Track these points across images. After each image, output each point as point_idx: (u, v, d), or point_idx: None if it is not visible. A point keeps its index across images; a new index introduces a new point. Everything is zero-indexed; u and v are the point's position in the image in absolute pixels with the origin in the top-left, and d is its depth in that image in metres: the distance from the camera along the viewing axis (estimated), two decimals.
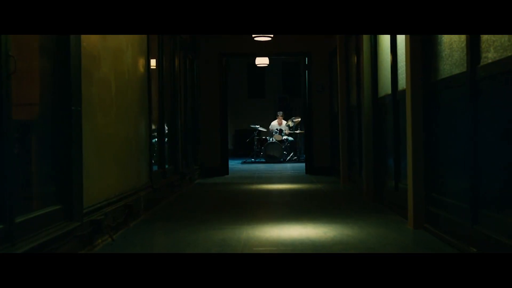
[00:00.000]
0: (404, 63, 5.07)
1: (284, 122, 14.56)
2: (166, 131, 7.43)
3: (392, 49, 5.46)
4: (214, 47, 10.12)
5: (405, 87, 5.05)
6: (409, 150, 4.47)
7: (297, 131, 14.39)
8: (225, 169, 10.31)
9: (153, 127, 6.66)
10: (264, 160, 13.78)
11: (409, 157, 4.47)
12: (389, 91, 5.65)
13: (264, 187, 8.04)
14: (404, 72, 5.08)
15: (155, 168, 6.44)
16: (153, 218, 5.22)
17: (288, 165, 13.15)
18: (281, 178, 9.75)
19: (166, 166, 6.91)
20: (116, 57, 4.56)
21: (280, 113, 14.64)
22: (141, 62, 5.51)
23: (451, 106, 3.90)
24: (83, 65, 3.65)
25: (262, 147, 13.82)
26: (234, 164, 13.28)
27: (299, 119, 14.25)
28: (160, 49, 6.72)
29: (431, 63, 4.26)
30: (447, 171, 4.02)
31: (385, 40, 5.87)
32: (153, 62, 6.75)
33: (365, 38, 6.49)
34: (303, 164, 12.28)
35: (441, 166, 4.13)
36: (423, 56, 4.36)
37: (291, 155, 14.20)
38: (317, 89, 10.26)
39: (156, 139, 6.71)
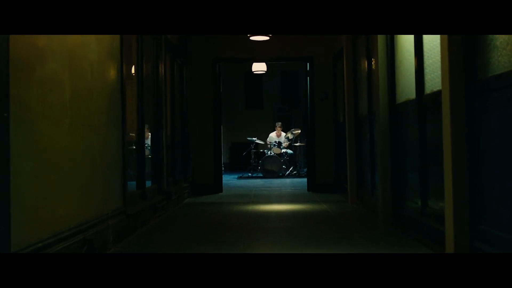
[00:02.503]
0: (433, 61, 4.14)
1: (283, 133, 13.61)
2: (148, 145, 6.45)
3: (416, 48, 4.51)
4: (206, 51, 9.16)
5: (434, 89, 4.10)
6: (447, 167, 3.49)
7: (297, 144, 13.42)
8: (218, 186, 9.31)
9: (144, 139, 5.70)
10: (261, 175, 12.80)
11: (447, 176, 3.49)
12: (412, 96, 4.69)
13: (262, 208, 7.04)
14: (433, 73, 4.13)
15: (133, 187, 5.47)
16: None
17: (288, 180, 12.16)
18: (281, 197, 8.76)
19: (147, 185, 5.91)
20: (72, 52, 3.59)
21: (278, 124, 13.68)
22: (112, 61, 4.55)
23: (510, 109, 2.92)
24: (14, 56, 2.67)
25: (260, 161, 12.84)
26: (230, 180, 12.30)
27: (299, 131, 13.29)
28: (140, 50, 5.76)
29: (477, 57, 3.30)
30: (504, 196, 3.03)
31: (405, 39, 4.92)
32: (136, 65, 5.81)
33: (380, 38, 5.52)
34: (304, 180, 11.33)
35: (494, 189, 3.15)
36: (465, 49, 3.40)
37: (290, 169, 13.22)
38: (319, 97, 9.30)
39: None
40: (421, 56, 4.41)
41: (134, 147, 5.79)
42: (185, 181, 8.46)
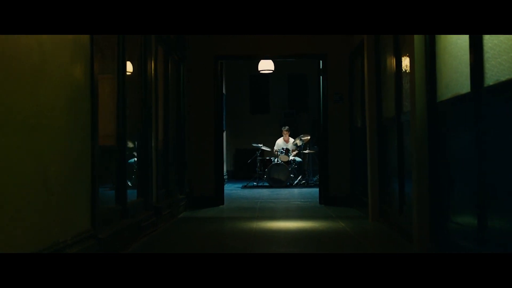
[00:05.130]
0: (498, 41, 3.12)
1: (291, 139, 12.58)
2: (133, 152, 5.45)
3: (473, 43, 3.47)
4: (207, 46, 8.16)
5: (501, 79, 3.07)
6: None
7: (306, 151, 12.37)
8: (219, 198, 8.28)
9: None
10: (267, 184, 11.76)
11: None
12: (463, 89, 3.65)
13: (268, 226, 6.00)
14: (499, 57, 3.11)
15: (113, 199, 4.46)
16: None
17: (296, 190, 11.11)
18: (289, 211, 7.72)
19: (129, 200, 4.89)
20: None
21: (285, 128, 12.66)
22: (76, 43, 3.53)
23: None
24: None
25: (266, 169, 11.80)
26: (233, 189, 11.29)
27: (308, 137, 12.26)
28: (121, 39, 4.75)
29: None
30: None
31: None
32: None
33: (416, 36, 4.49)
34: (314, 190, 10.39)
35: None
36: None
37: (299, 178, 12.18)
38: (334, 99, 8.26)
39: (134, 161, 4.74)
40: (479, 36, 3.37)
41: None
42: (181, 192, 7.44)
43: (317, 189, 9.08)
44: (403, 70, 5.19)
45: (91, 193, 3.69)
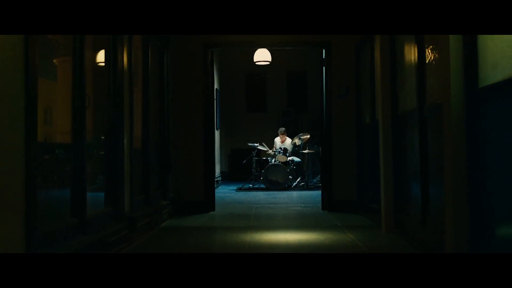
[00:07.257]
0: None
1: (288, 139, 11.68)
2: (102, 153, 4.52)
3: None
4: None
5: None
6: None
7: (305, 151, 11.45)
8: (210, 204, 7.36)
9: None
10: (264, 186, 10.85)
11: None
12: None
13: (264, 239, 5.07)
14: None
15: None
16: None
17: (295, 193, 10.20)
18: (288, 219, 6.81)
19: (94, 210, 3.96)
20: None
21: (281, 131, 11.74)
22: None
23: None
24: None
25: (262, 170, 10.88)
26: (227, 192, 10.40)
27: (308, 136, 11.35)
28: None
29: None
30: None
31: None
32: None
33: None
34: (314, 193, 9.61)
35: None
36: None
37: (297, 180, 11.29)
38: (338, 93, 7.34)
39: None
40: None
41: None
42: (165, 197, 6.51)
43: (318, 192, 8.24)
44: (429, 51, 4.27)
45: (25, 204, 2.75)
